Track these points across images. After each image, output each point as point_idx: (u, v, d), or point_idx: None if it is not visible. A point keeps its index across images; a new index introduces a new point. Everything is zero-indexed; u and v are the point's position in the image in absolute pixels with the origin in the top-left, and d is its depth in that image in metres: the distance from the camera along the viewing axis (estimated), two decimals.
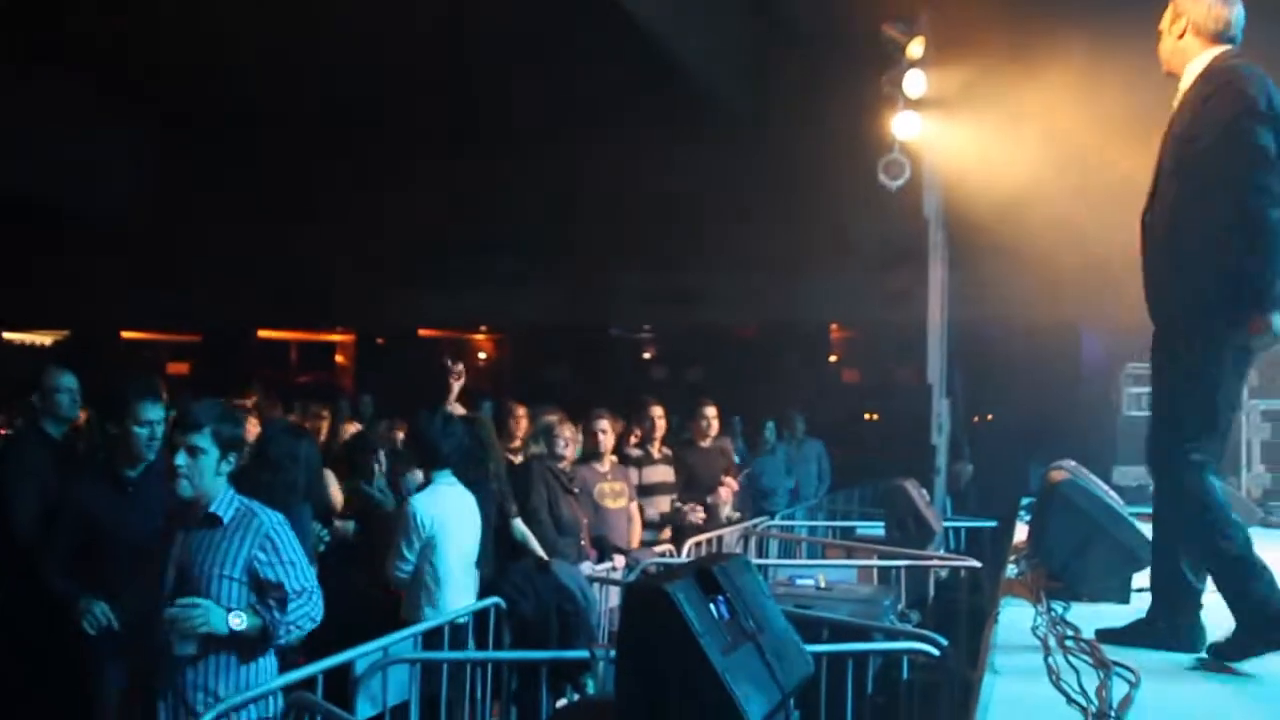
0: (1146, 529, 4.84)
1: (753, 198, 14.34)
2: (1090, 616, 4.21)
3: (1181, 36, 3.65)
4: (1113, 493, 5.38)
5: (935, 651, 4.42)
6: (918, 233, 10.20)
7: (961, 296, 10.53)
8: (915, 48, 9.73)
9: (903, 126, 9.95)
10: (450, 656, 4.73)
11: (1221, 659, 3.42)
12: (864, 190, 10.26)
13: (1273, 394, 9.84)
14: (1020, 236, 9.59)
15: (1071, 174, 9.65)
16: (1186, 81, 3.63)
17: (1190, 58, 3.63)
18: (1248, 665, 3.41)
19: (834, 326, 18.05)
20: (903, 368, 13.66)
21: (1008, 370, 13.08)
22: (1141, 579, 4.68)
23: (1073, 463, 5.39)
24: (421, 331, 19.29)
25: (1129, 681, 3.26)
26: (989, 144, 9.89)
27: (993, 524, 8.35)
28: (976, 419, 14.39)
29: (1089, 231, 9.65)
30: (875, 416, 16.79)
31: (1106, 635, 3.67)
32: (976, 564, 6.65)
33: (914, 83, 9.75)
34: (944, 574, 6.97)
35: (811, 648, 3.71)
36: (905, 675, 4.63)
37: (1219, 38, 3.59)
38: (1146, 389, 10.33)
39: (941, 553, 7.61)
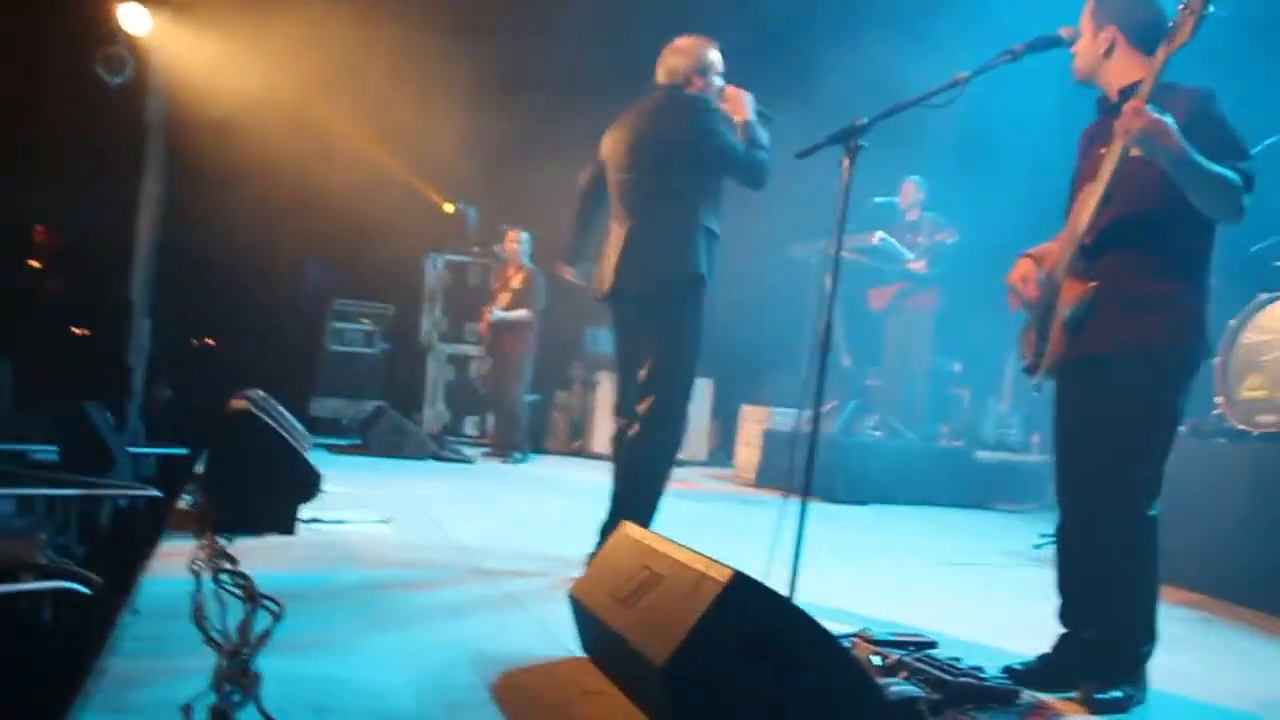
0: (335, 460, 5.01)
1: None
2: (258, 548, 4.17)
3: None
4: (298, 425, 5.41)
5: (86, 590, 4.04)
6: (137, 139, 9.43)
7: (181, 213, 9.96)
8: None
9: (131, 19, 9.13)
10: None
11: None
12: (82, 85, 9.26)
13: (456, 339, 10.82)
14: (249, 157, 9.34)
15: (304, 103, 9.62)
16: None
17: None
18: None
19: (40, 230, 16.14)
20: (109, 283, 12.63)
21: (231, 294, 12.76)
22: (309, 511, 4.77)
23: (260, 393, 5.32)
24: None
25: (273, 614, 3.22)
26: (226, 57, 9.48)
27: (184, 452, 8.02)
28: (197, 342, 13.88)
29: (313, 163, 9.71)
30: (87, 332, 15.38)
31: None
32: (156, 493, 6.28)
33: None
34: (125, 504, 6.52)
35: None
36: (46, 617, 4.16)
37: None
38: (349, 324, 10.81)
39: (125, 482, 7.10)
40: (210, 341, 14.58)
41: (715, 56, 4.60)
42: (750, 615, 2.34)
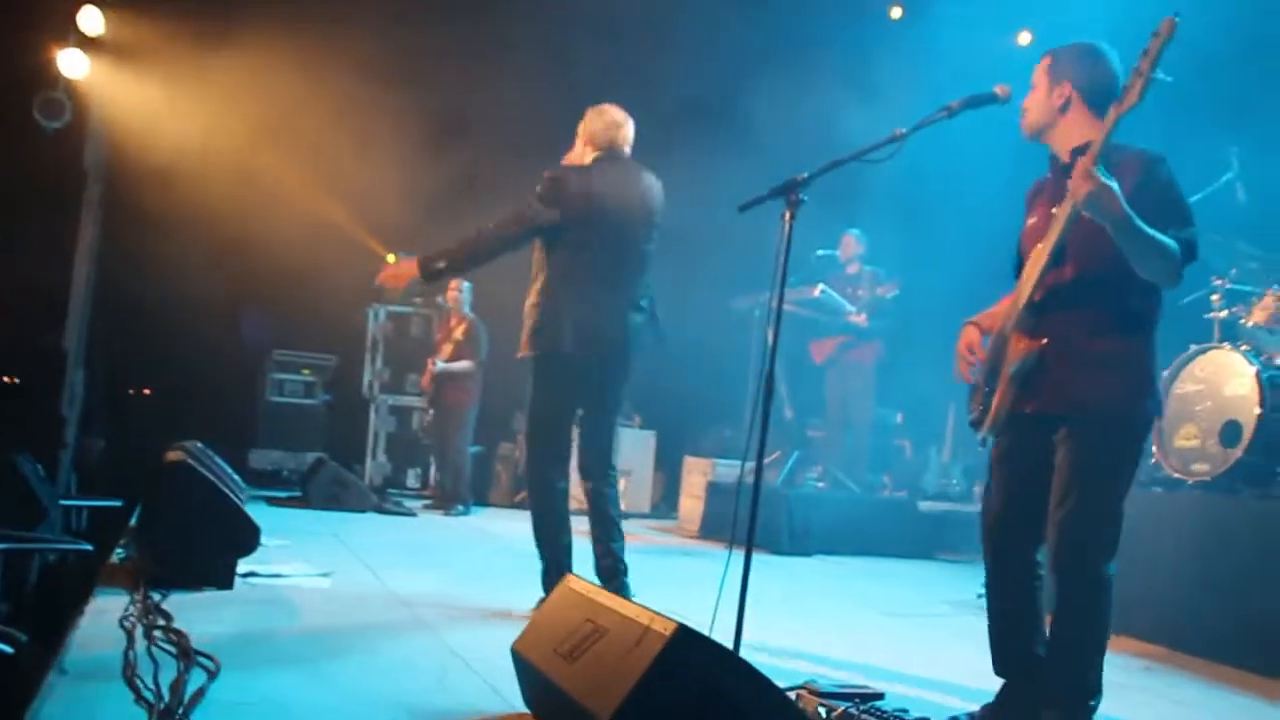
0: (274, 512, 4.93)
1: None
2: (193, 603, 4.08)
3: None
4: (234, 477, 5.31)
5: (8, 650, 3.91)
6: (75, 184, 9.30)
7: (118, 259, 9.82)
8: None
9: (71, 64, 9.03)
10: None
11: None
12: (19, 130, 9.12)
13: (398, 390, 10.75)
14: (188, 204, 9.24)
15: (244, 150, 9.55)
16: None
17: None
18: None
19: None
20: (42, 331, 12.38)
21: (168, 343, 12.57)
22: (246, 564, 4.67)
23: (197, 444, 5.23)
24: None
25: (209, 671, 3.15)
26: (166, 103, 9.40)
27: (118, 504, 7.84)
28: (132, 391, 13.62)
29: (254, 211, 9.62)
30: (17, 380, 15.03)
31: None
32: (88, 547, 6.13)
33: (90, 19, 8.94)
34: (54, 558, 6.36)
35: None
36: None
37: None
38: (290, 375, 10.68)
39: (55, 535, 6.92)
40: (146, 391, 14.31)
41: None
42: (694, 669, 2.32)
